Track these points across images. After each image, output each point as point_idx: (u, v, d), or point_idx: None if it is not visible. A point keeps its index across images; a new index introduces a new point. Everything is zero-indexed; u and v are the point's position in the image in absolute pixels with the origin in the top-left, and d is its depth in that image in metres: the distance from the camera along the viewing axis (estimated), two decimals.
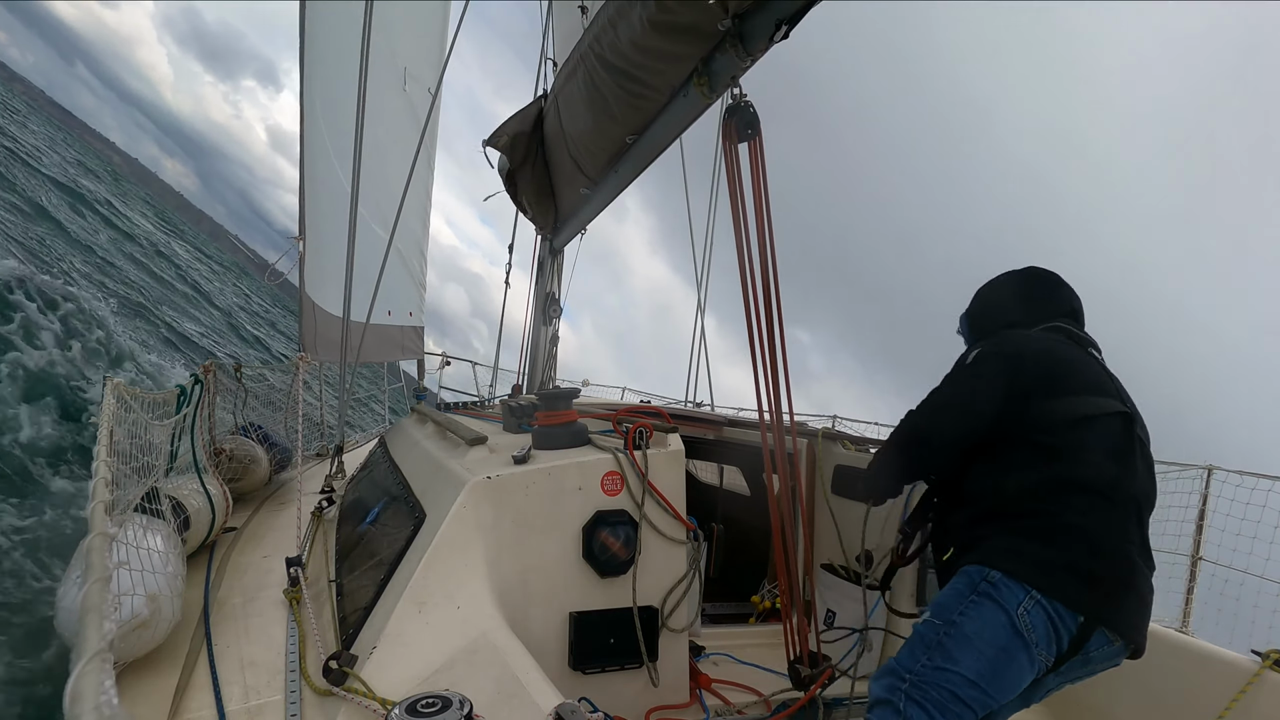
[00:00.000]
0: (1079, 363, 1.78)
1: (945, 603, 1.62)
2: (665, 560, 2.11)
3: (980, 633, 1.52)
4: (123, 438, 1.97)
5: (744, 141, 2.00)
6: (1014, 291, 2.01)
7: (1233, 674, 2.28)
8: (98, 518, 1.24)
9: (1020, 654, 1.51)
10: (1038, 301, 1.96)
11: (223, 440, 3.48)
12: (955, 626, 1.55)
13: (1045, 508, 1.59)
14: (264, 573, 2.42)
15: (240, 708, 1.56)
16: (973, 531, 1.68)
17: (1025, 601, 1.51)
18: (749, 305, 2.01)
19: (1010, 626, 1.51)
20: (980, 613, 1.54)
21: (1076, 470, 1.61)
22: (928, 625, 1.62)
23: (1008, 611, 1.51)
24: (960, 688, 1.49)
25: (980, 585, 1.57)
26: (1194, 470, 5.22)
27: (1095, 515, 1.58)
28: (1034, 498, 1.60)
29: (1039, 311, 1.94)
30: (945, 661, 1.52)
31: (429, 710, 1.08)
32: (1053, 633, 1.52)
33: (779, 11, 1.87)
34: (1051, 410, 1.66)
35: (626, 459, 2.08)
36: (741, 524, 3.39)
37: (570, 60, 3.24)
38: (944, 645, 1.55)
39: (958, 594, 1.60)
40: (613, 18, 2.57)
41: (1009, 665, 1.52)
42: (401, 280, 6.41)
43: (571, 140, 3.53)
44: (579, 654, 1.98)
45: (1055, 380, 1.71)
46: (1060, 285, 1.98)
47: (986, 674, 1.50)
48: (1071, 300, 1.96)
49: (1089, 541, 1.56)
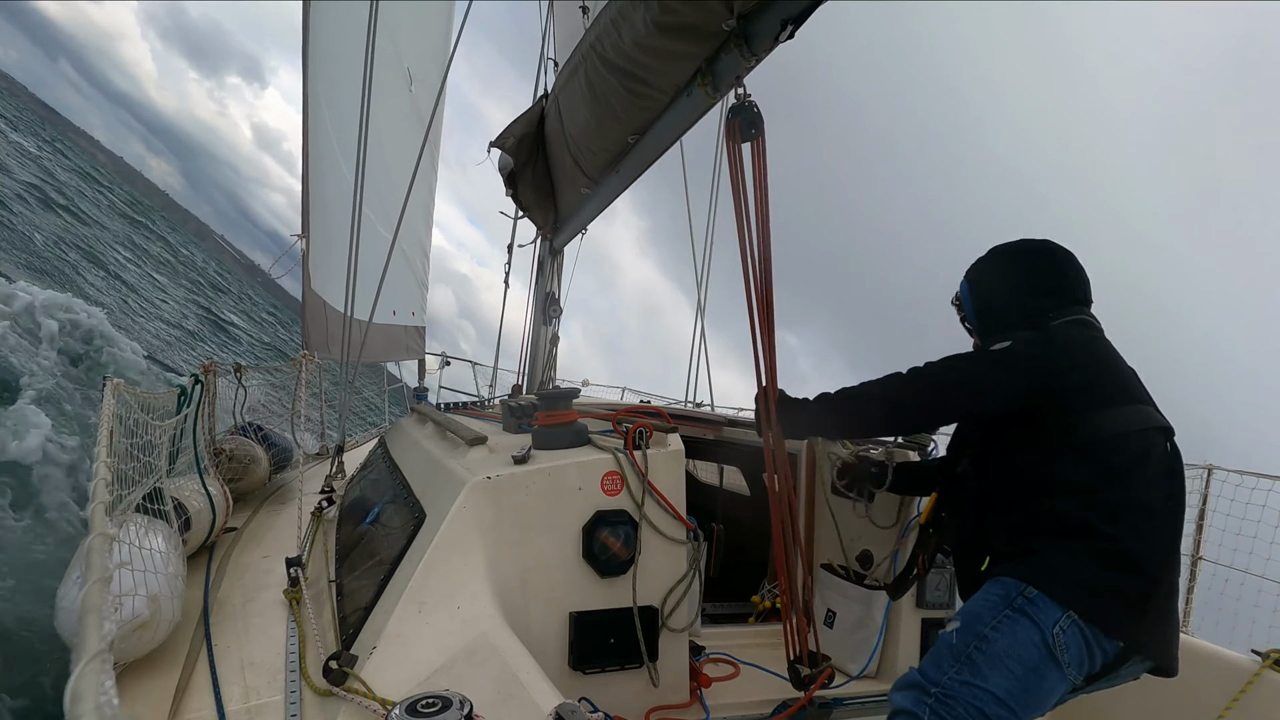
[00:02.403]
0: (1121, 366, 1.72)
1: (977, 613, 1.56)
2: (665, 560, 2.11)
3: (1012, 651, 1.48)
4: (123, 438, 1.97)
5: (747, 142, 2.00)
6: (1037, 273, 1.86)
7: (1233, 674, 2.28)
8: (98, 518, 1.24)
9: (1051, 674, 1.48)
10: (1062, 289, 1.84)
11: (223, 440, 3.48)
12: (987, 642, 1.50)
13: (1105, 530, 1.53)
14: (264, 573, 2.42)
15: (240, 708, 1.56)
16: (1015, 542, 1.63)
17: (1062, 620, 1.47)
18: (751, 306, 2.01)
19: (1043, 645, 1.47)
20: (1014, 629, 1.49)
21: (1134, 492, 1.56)
22: (957, 635, 1.56)
23: (1042, 630, 1.47)
24: (988, 705, 1.45)
25: (1016, 600, 1.52)
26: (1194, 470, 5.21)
27: (1148, 541, 1.53)
28: (1093, 518, 1.54)
29: (1063, 300, 1.82)
30: (974, 677, 1.47)
31: (429, 710, 1.08)
32: (1086, 654, 1.49)
33: (784, 11, 1.86)
34: (1104, 423, 1.61)
35: (626, 459, 2.08)
36: (741, 524, 3.39)
37: (572, 60, 3.23)
38: (973, 660, 1.49)
39: (991, 606, 1.55)
40: (615, 18, 2.56)
41: (1039, 685, 1.47)
42: (405, 279, 6.42)
43: (572, 140, 3.53)
44: (579, 654, 1.98)
45: (1104, 388, 1.65)
46: (1076, 264, 1.86)
47: (1016, 693, 1.46)
48: (1084, 279, 1.86)
49: (1143, 570, 1.51)
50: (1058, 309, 1.81)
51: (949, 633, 1.59)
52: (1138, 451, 1.60)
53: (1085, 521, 1.54)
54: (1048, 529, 1.58)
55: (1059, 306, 1.81)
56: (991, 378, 1.69)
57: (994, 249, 1.97)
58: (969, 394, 1.70)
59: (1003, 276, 1.92)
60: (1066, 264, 1.86)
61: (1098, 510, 1.55)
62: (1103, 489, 1.56)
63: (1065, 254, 1.87)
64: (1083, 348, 1.70)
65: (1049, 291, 1.84)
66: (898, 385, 1.76)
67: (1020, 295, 1.86)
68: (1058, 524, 1.57)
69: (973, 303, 1.99)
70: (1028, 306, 1.83)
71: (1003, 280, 1.92)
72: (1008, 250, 1.94)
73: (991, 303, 1.94)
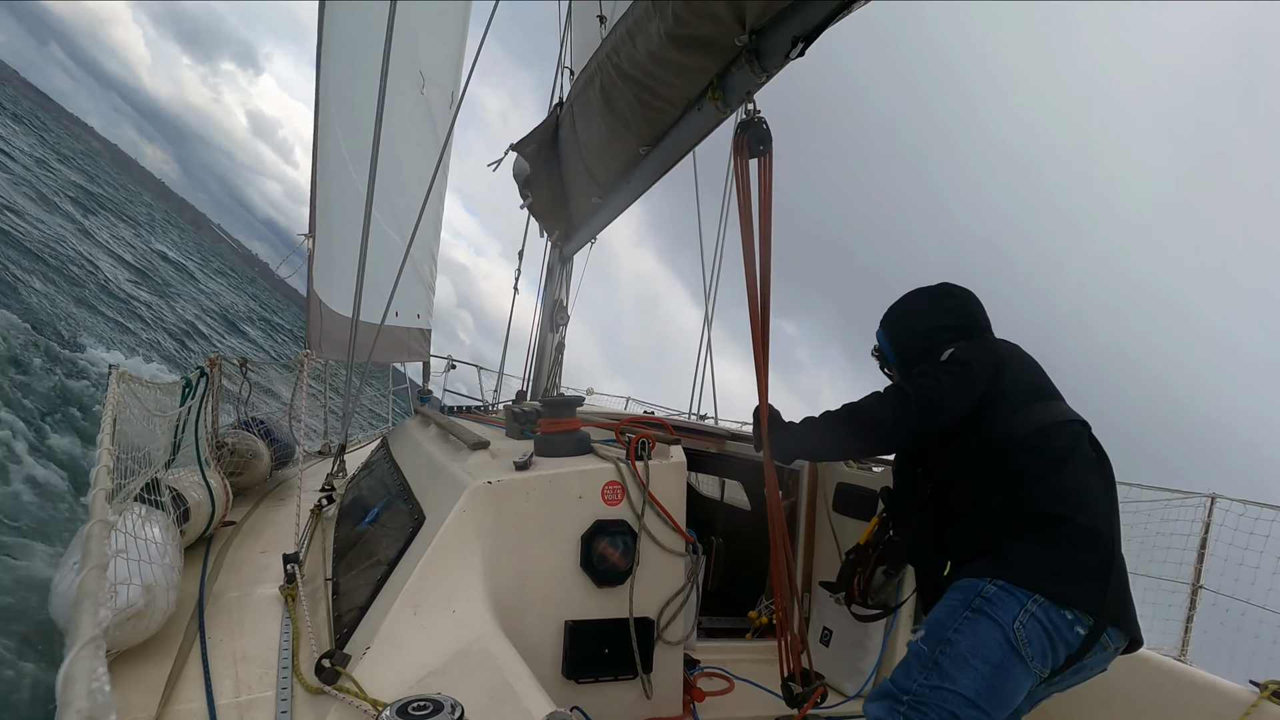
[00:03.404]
0: (1035, 366, 1.88)
1: (940, 619, 1.61)
2: (663, 572, 2.11)
3: (976, 650, 1.52)
4: (126, 427, 1.98)
5: (755, 157, 2.01)
6: (946, 307, 2.05)
7: (1229, 704, 2.26)
8: (98, 505, 1.24)
9: (1016, 668, 1.52)
10: (971, 317, 2.03)
11: (225, 434, 3.49)
12: (951, 645, 1.55)
13: (1059, 513, 1.61)
14: (260, 568, 2.42)
15: (231, 702, 1.55)
16: (976, 544, 1.69)
17: (1020, 615, 1.52)
18: (755, 320, 2.01)
19: (1005, 642, 1.51)
20: (975, 629, 1.54)
21: (1075, 476, 1.66)
22: (923, 643, 1.61)
23: (1002, 626, 1.52)
24: (959, 708, 1.49)
25: (974, 601, 1.57)
26: (1197, 498, 5.19)
27: (1098, 516, 1.62)
28: (1046, 504, 1.62)
29: (974, 326, 2.01)
30: (942, 681, 1.52)
31: (420, 713, 1.08)
32: (1049, 645, 1.53)
33: (796, 28, 1.88)
34: (1038, 415, 1.74)
35: (628, 469, 2.08)
36: (742, 539, 3.38)
37: (587, 69, 3.26)
38: (940, 664, 1.54)
39: (951, 610, 1.60)
40: (631, 29, 2.58)
41: (1006, 681, 1.51)
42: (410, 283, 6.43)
43: (586, 149, 3.55)
44: (573, 663, 1.97)
45: (1031, 385, 1.80)
46: (977, 301, 2.07)
47: (984, 692, 1.50)
48: (982, 313, 2.06)
49: (1099, 544, 1.59)
50: (971, 333, 1.98)
51: (915, 641, 1.64)
52: (1070, 440, 1.74)
53: (1039, 508, 1.63)
54: (1006, 525, 1.66)
55: (971, 332, 1.99)
56: (957, 388, 1.78)
57: (900, 299, 2.14)
58: (945, 410, 1.77)
59: (917, 315, 2.09)
60: (967, 299, 2.06)
61: (1048, 496, 1.64)
62: (1049, 475, 1.66)
63: (965, 291, 2.07)
64: (1005, 351, 1.87)
65: (958, 322, 2.01)
66: (877, 407, 1.84)
67: (935, 327, 2.02)
68: (1014, 517, 1.65)
69: (892, 346, 2.12)
70: (943, 336, 1.97)
71: (917, 319, 2.08)
72: (913, 295, 2.11)
73: (911, 340, 2.07)
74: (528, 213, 4.74)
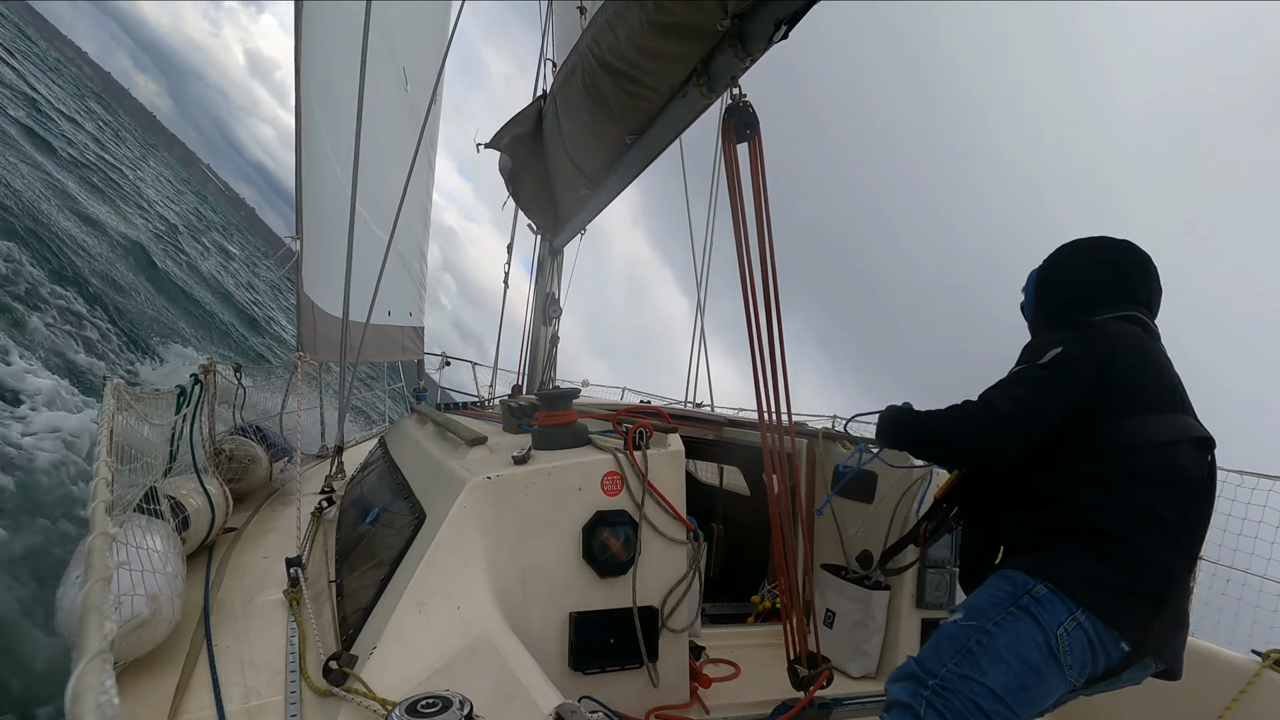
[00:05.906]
0: (1163, 370, 1.69)
1: (981, 608, 1.55)
2: (665, 560, 2.12)
3: (1013, 648, 1.47)
4: (123, 438, 1.97)
5: (743, 142, 2.00)
6: (1098, 266, 1.83)
7: (1233, 674, 2.28)
8: (99, 517, 1.24)
9: (1052, 674, 1.47)
10: (1120, 286, 1.81)
11: (222, 440, 3.47)
12: (989, 636, 1.50)
13: (1124, 534, 1.52)
14: (264, 573, 2.42)
15: (240, 708, 1.56)
16: (1033, 538, 1.61)
17: (1067, 622, 1.47)
18: (749, 306, 2.01)
19: (1045, 645, 1.46)
20: (1017, 627, 1.49)
21: (1156, 502, 1.54)
22: (959, 628, 1.55)
23: (1045, 630, 1.47)
24: (984, 699, 1.44)
25: (1022, 598, 1.51)
26: None
27: (1166, 548, 1.52)
28: (1113, 521, 1.53)
29: (1119, 296, 1.80)
30: (972, 670, 1.47)
31: (429, 710, 1.08)
32: (1090, 656, 1.48)
33: (778, 11, 1.87)
34: (1137, 429, 1.59)
35: (626, 459, 2.08)
36: (742, 524, 3.39)
37: (569, 61, 3.24)
38: (973, 654, 1.49)
39: (995, 602, 1.54)
40: (611, 18, 2.57)
41: (1038, 684, 1.47)
42: (401, 280, 6.40)
43: (570, 141, 3.53)
44: (579, 654, 1.98)
45: (1144, 393, 1.62)
46: (1148, 269, 1.82)
47: (1014, 689, 1.45)
48: (1151, 284, 1.82)
49: (1165, 578, 1.50)
50: (1112, 304, 1.78)
51: (950, 623, 1.59)
52: (1167, 461, 1.58)
53: (1105, 523, 1.53)
54: (1067, 527, 1.57)
55: (1113, 302, 1.79)
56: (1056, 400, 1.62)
57: (1060, 248, 1.93)
58: (1042, 424, 1.62)
59: (1067, 260, 1.90)
60: (1132, 265, 1.83)
61: (1118, 513, 1.53)
62: (1124, 493, 1.55)
63: (1137, 256, 1.83)
64: (1127, 347, 1.66)
65: (1107, 286, 1.81)
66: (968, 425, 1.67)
67: (1077, 281, 1.84)
68: (1078, 523, 1.56)
69: (1036, 282, 1.96)
70: (1081, 293, 1.82)
71: (1066, 264, 1.89)
72: (1083, 240, 1.90)
73: (1049, 282, 1.91)
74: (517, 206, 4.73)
